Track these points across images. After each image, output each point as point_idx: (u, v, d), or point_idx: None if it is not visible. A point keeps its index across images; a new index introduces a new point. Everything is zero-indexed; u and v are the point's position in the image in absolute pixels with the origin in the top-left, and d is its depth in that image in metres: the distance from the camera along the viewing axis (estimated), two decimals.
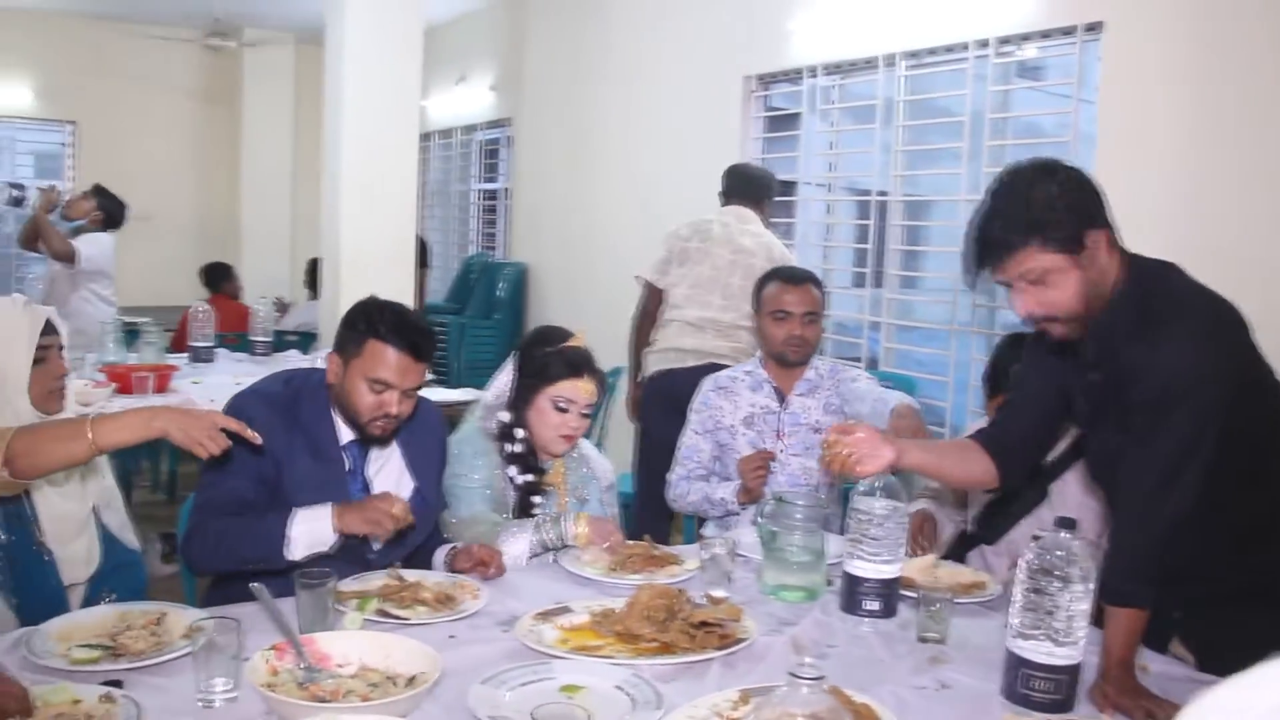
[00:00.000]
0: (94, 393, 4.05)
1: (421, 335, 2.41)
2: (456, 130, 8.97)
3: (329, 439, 2.43)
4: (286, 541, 2.21)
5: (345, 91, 5.32)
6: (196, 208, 9.96)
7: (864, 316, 5.14)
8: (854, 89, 5.14)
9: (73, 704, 1.63)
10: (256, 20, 9.13)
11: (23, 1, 8.89)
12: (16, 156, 9.85)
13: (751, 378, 3.28)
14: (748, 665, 1.94)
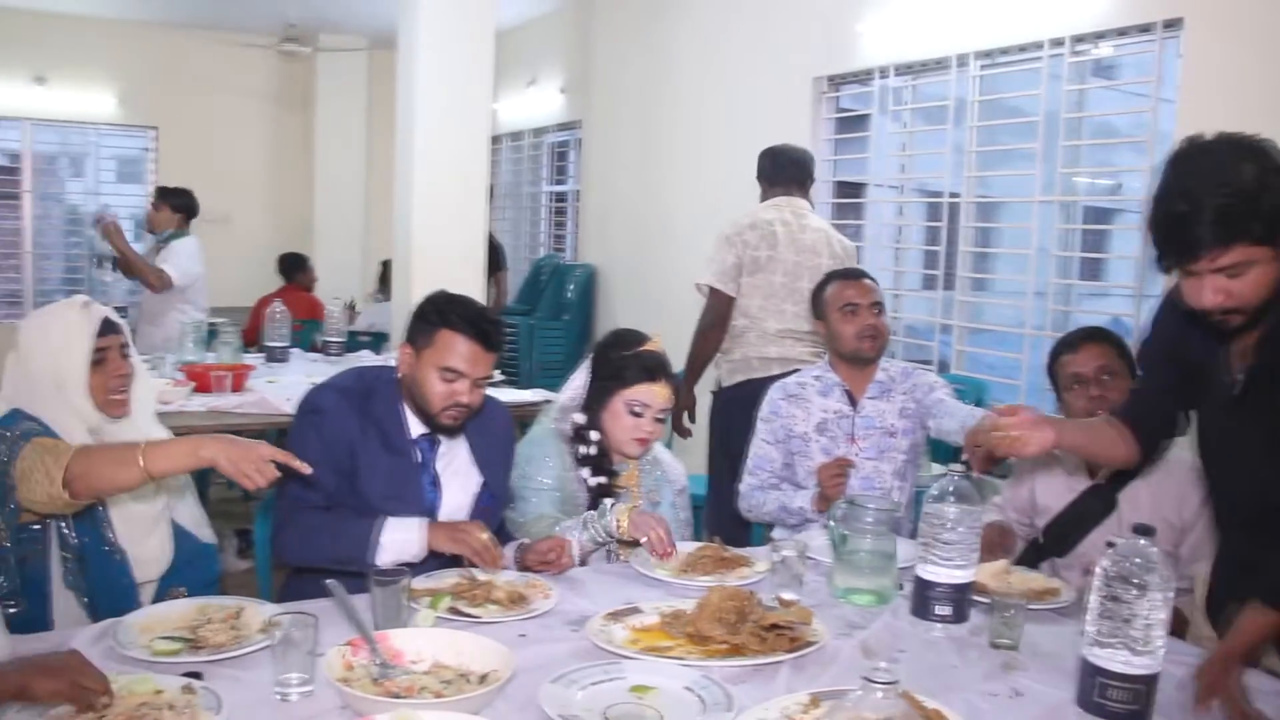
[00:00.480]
0: (173, 391, 4.14)
1: (491, 325, 2.45)
2: (526, 133, 9.03)
3: (400, 432, 2.48)
4: (376, 548, 2.27)
5: (417, 95, 5.37)
6: (271, 210, 10.12)
7: (935, 319, 5.09)
8: (925, 89, 5.10)
9: (155, 694, 1.67)
10: (330, 26, 9.27)
11: (106, 11, 9.12)
12: (100, 162, 10.09)
13: (821, 382, 3.25)
14: (818, 668, 1.93)
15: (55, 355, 2.29)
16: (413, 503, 2.45)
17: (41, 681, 1.54)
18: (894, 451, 3.20)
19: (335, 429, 2.41)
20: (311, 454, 2.36)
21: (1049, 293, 4.46)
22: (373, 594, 2.01)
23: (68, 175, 10.25)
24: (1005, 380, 4.72)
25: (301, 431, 2.45)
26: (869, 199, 5.51)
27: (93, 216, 5.16)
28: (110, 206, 10.13)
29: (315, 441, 2.39)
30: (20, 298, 9.76)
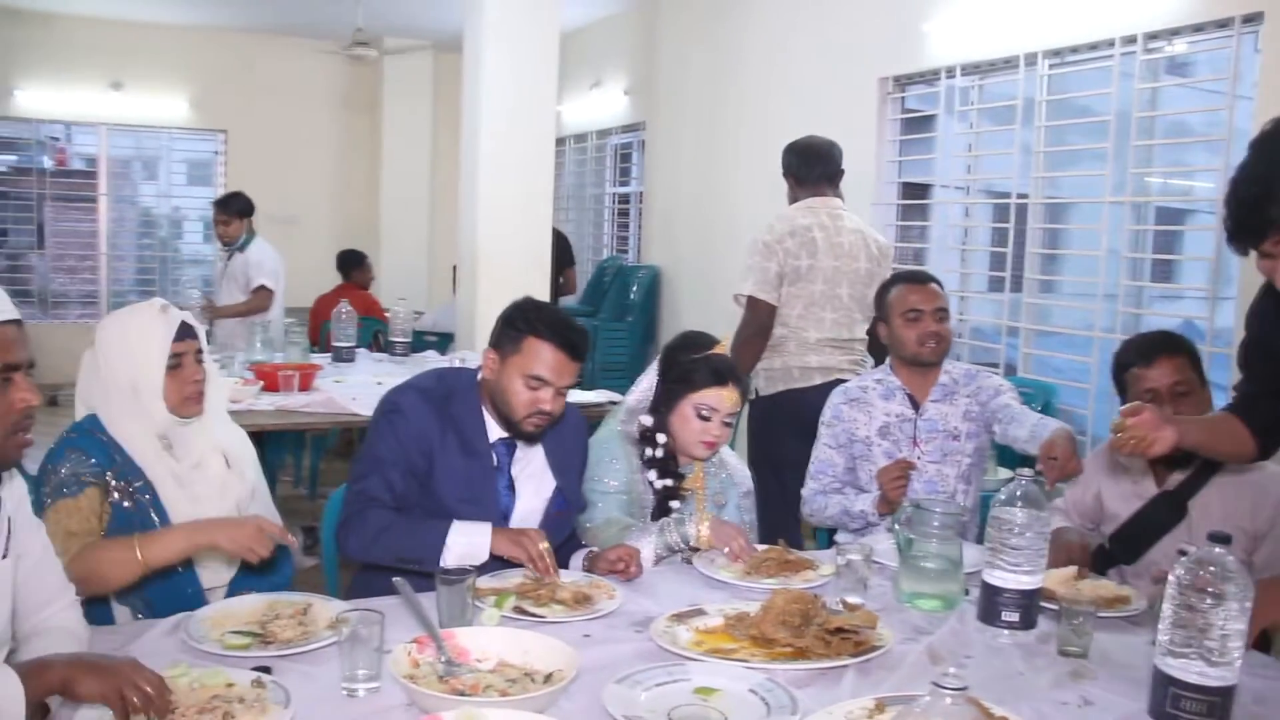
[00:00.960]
0: (242, 390, 4.21)
1: (578, 335, 2.45)
2: (591, 134, 9.07)
3: (479, 435, 2.49)
4: (444, 550, 2.28)
5: (483, 98, 5.42)
6: (338, 213, 10.27)
7: (1002, 321, 5.02)
8: (992, 89, 5.04)
9: (227, 687, 1.70)
10: (397, 30, 9.37)
11: (180, 18, 9.31)
12: (172, 165, 10.31)
13: (883, 386, 3.21)
14: (883, 673, 1.92)
15: (132, 359, 2.29)
16: (488, 506, 2.46)
17: (86, 680, 1.56)
18: (958, 455, 3.16)
19: (414, 429, 2.43)
20: (387, 452, 2.41)
21: (1119, 295, 4.39)
22: (439, 592, 2.03)
23: (141, 178, 10.48)
24: (1073, 384, 4.65)
25: (379, 429, 2.47)
26: (934, 200, 5.46)
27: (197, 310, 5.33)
28: (180, 209, 10.41)
29: (392, 440, 2.42)
30: (96, 298, 10.00)
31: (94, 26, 9.26)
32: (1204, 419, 2.40)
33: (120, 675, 1.58)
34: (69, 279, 10.20)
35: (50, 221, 10.01)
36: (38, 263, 9.98)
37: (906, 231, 5.63)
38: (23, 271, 9.94)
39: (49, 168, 9.96)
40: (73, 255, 10.20)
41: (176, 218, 10.57)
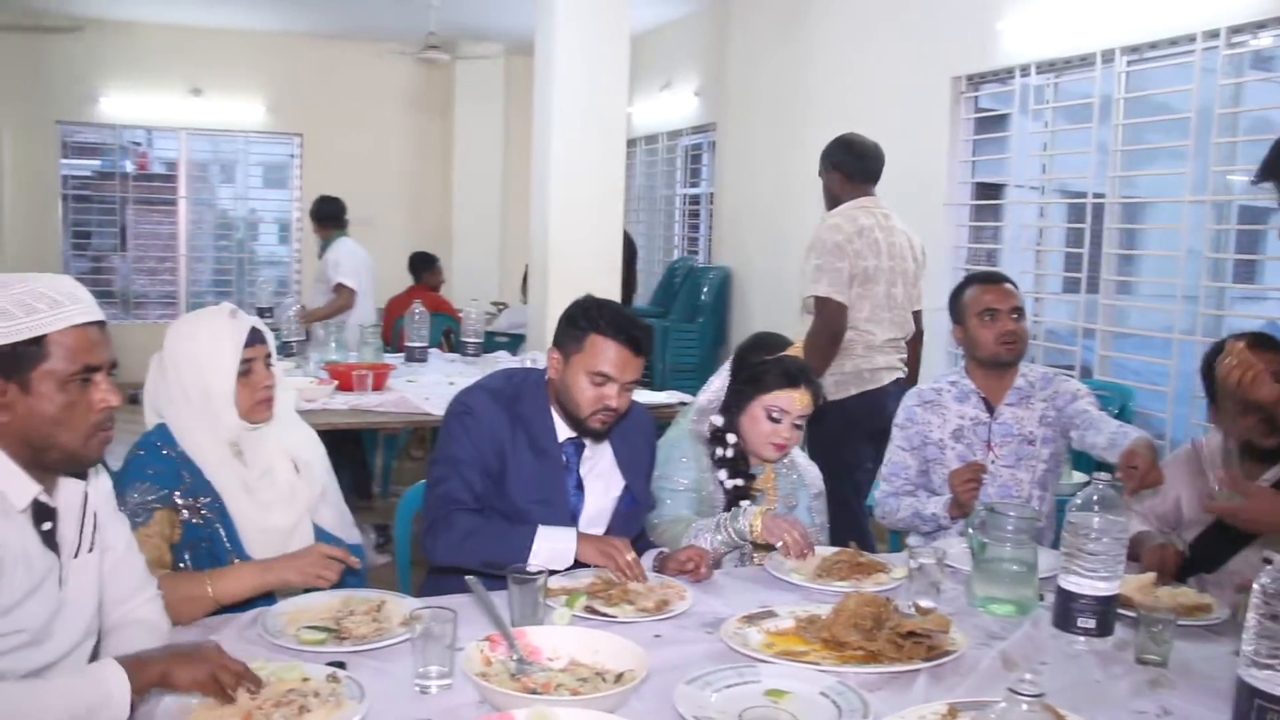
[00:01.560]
0: (317, 390, 4.27)
1: (641, 330, 2.45)
2: (661, 136, 9.08)
3: (548, 435, 2.51)
4: (530, 555, 2.29)
5: (554, 100, 5.45)
6: (411, 215, 10.38)
7: (1077, 323, 4.94)
8: (1068, 87, 4.96)
9: (302, 681, 1.73)
10: (469, 33, 9.46)
11: (258, 24, 9.49)
12: (249, 168, 10.51)
13: (957, 388, 3.17)
14: (955, 678, 1.90)
15: (202, 365, 2.28)
16: (558, 506, 2.47)
17: (182, 671, 1.61)
18: (1033, 460, 3.11)
19: (485, 430, 2.45)
20: (462, 453, 2.43)
21: (1200, 296, 4.29)
22: (510, 591, 2.04)
23: (218, 181, 10.69)
24: (1151, 387, 4.56)
25: (451, 430, 2.49)
26: (1008, 200, 5.39)
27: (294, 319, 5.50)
28: (256, 211, 10.61)
29: (465, 441, 2.44)
30: (175, 299, 10.23)
31: (174, 34, 9.48)
32: None
33: (211, 661, 1.64)
34: (149, 280, 10.46)
35: (132, 224, 10.27)
36: (119, 264, 10.23)
37: (979, 233, 5.56)
38: (105, 273, 10.20)
39: (131, 172, 10.20)
40: (153, 257, 10.45)
41: (253, 220, 10.78)
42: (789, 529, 2.51)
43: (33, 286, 1.68)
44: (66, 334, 1.67)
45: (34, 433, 1.68)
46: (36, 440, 1.68)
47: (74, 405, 1.68)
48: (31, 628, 1.68)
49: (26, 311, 1.65)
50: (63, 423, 1.68)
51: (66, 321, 1.67)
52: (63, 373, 1.66)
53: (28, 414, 1.66)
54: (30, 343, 1.64)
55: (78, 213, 9.98)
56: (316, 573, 2.10)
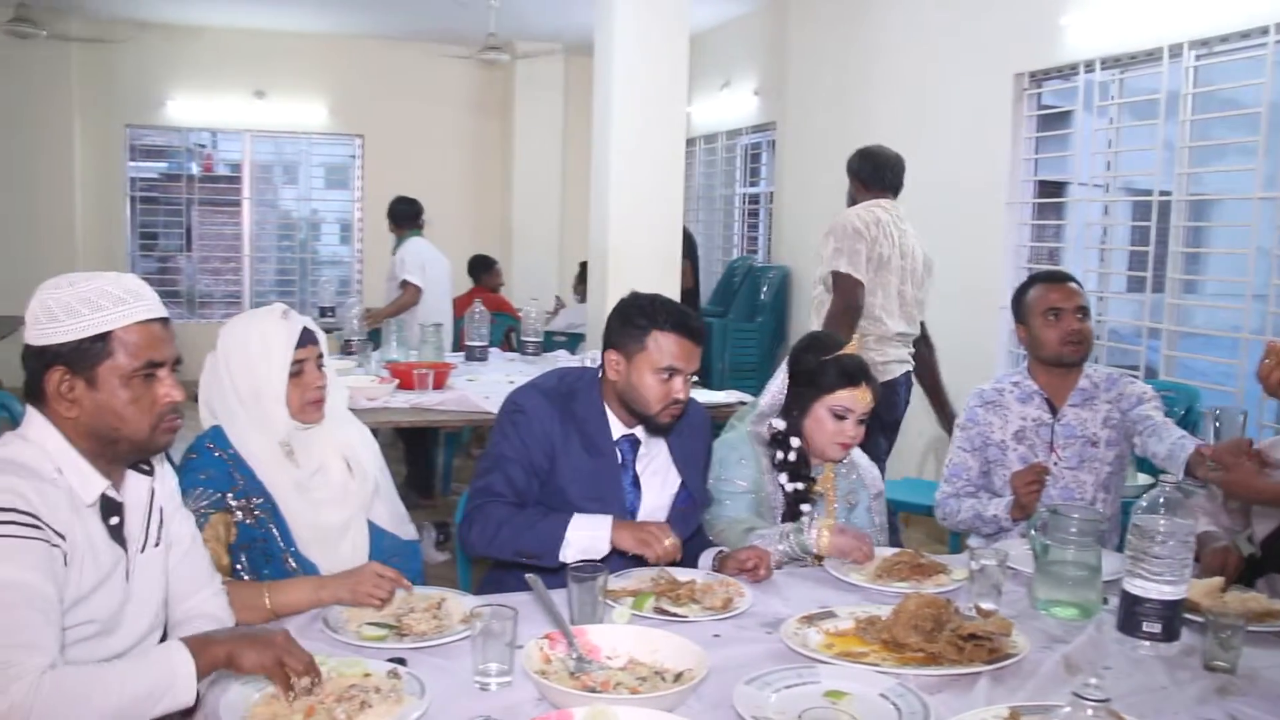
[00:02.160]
0: (378, 388, 4.32)
1: (695, 319, 2.51)
2: (720, 135, 9.06)
3: (602, 433, 2.53)
4: (563, 544, 2.31)
5: (613, 99, 5.45)
6: (470, 214, 10.44)
7: (1142, 323, 4.86)
8: (1133, 83, 4.88)
9: (364, 676, 1.76)
10: (528, 34, 9.50)
11: (318, 27, 9.61)
12: (311, 169, 10.64)
13: (1019, 389, 3.14)
14: (1017, 681, 1.88)
15: (253, 365, 2.30)
16: (613, 504, 2.49)
17: (248, 653, 1.65)
18: (1096, 462, 3.07)
19: (536, 429, 2.47)
20: (510, 450, 2.46)
21: (1269, 295, 4.20)
22: (570, 590, 2.05)
23: (281, 182, 10.84)
24: (1218, 388, 4.48)
25: (502, 429, 2.52)
26: (1071, 199, 5.31)
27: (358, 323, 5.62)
28: (318, 212, 10.75)
29: (515, 439, 2.47)
30: (239, 298, 10.39)
31: (239, 38, 9.63)
32: None
33: (277, 646, 1.67)
34: (214, 280, 10.63)
35: (196, 225, 10.44)
36: (185, 264, 10.41)
37: (1041, 231, 5.49)
38: (171, 273, 10.38)
39: (196, 174, 10.37)
40: (217, 257, 10.62)
41: (315, 220, 10.91)
42: (856, 546, 2.50)
43: (98, 285, 1.72)
44: (131, 330, 1.71)
45: (101, 426, 1.72)
46: (104, 433, 1.73)
47: (138, 400, 1.73)
48: (100, 619, 1.72)
49: (92, 309, 1.69)
50: (128, 417, 1.73)
51: (130, 318, 1.72)
52: (127, 368, 1.71)
53: (95, 408, 1.71)
54: (96, 339, 1.69)
55: (145, 214, 10.16)
56: (368, 592, 2.11)
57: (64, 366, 1.70)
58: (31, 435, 1.72)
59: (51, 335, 1.69)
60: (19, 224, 9.11)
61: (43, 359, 1.70)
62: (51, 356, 1.70)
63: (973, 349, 5.42)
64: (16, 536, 1.57)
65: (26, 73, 8.99)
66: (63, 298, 1.70)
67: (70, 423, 1.72)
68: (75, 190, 9.42)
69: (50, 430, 1.72)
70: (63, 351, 1.69)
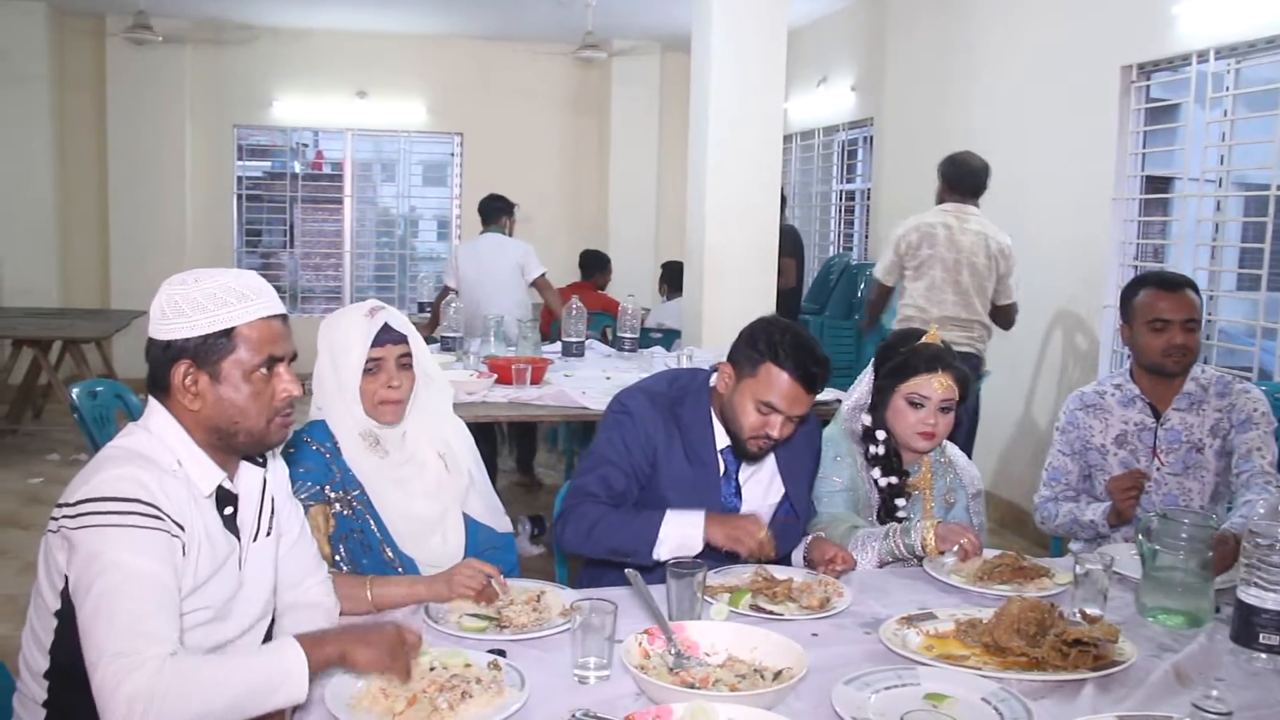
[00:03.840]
0: (477, 383, 4.37)
1: (819, 365, 2.41)
2: (817, 131, 8.98)
3: (706, 442, 2.51)
4: (657, 543, 2.31)
5: (710, 96, 5.44)
6: (567, 211, 10.52)
7: (1256, 322, 4.70)
8: (1249, 73, 4.71)
9: (465, 667, 1.78)
10: (625, 31, 9.54)
11: (420, 28, 9.76)
12: (410, 167, 10.81)
13: (1121, 392, 3.05)
14: (1124, 690, 1.84)
15: (336, 358, 2.34)
16: None
17: (361, 652, 1.67)
18: (1203, 470, 2.97)
19: (640, 433, 2.47)
20: (611, 452, 2.46)
21: None
22: (668, 585, 2.05)
23: (380, 180, 11.03)
24: None
25: (607, 429, 2.53)
26: (1180, 194, 5.16)
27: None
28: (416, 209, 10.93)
29: (618, 441, 2.47)
30: (340, 293, 10.60)
31: (341, 39, 9.83)
32: None
33: (389, 639, 1.70)
34: (315, 275, 10.87)
35: (299, 222, 10.68)
36: (288, 260, 10.65)
37: (1148, 228, 5.34)
38: (274, 269, 10.63)
39: (299, 172, 10.61)
40: (318, 253, 10.86)
41: (413, 217, 11.08)
42: (963, 532, 2.47)
43: (223, 281, 1.77)
44: (254, 326, 1.76)
45: (222, 419, 1.77)
46: (224, 426, 1.77)
47: (259, 394, 1.77)
48: (215, 606, 1.77)
49: (218, 304, 1.74)
50: (248, 411, 1.77)
51: (254, 314, 1.76)
52: (249, 363, 1.75)
53: (217, 402, 1.75)
54: (221, 334, 1.74)
55: (250, 211, 10.42)
56: (463, 582, 2.12)
57: (189, 360, 1.74)
58: (153, 427, 1.77)
59: (178, 330, 1.73)
60: (133, 223, 9.43)
61: (169, 353, 1.75)
62: (177, 351, 1.74)
63: (1075, 349, 5.30)
64: (139, 527, 1.62)
65: (143, 76, 9.29)
66: (189, 294, 1.74)
67: (192, 415, 1.77)
68: (186, 189, 9.70)
69: (171, 422, 1.77)
70: (188, 346, 1.73)
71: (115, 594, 1.56)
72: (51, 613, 1.71)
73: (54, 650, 1.73)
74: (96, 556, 1.59)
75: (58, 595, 1.69)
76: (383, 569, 2.28)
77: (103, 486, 1.64)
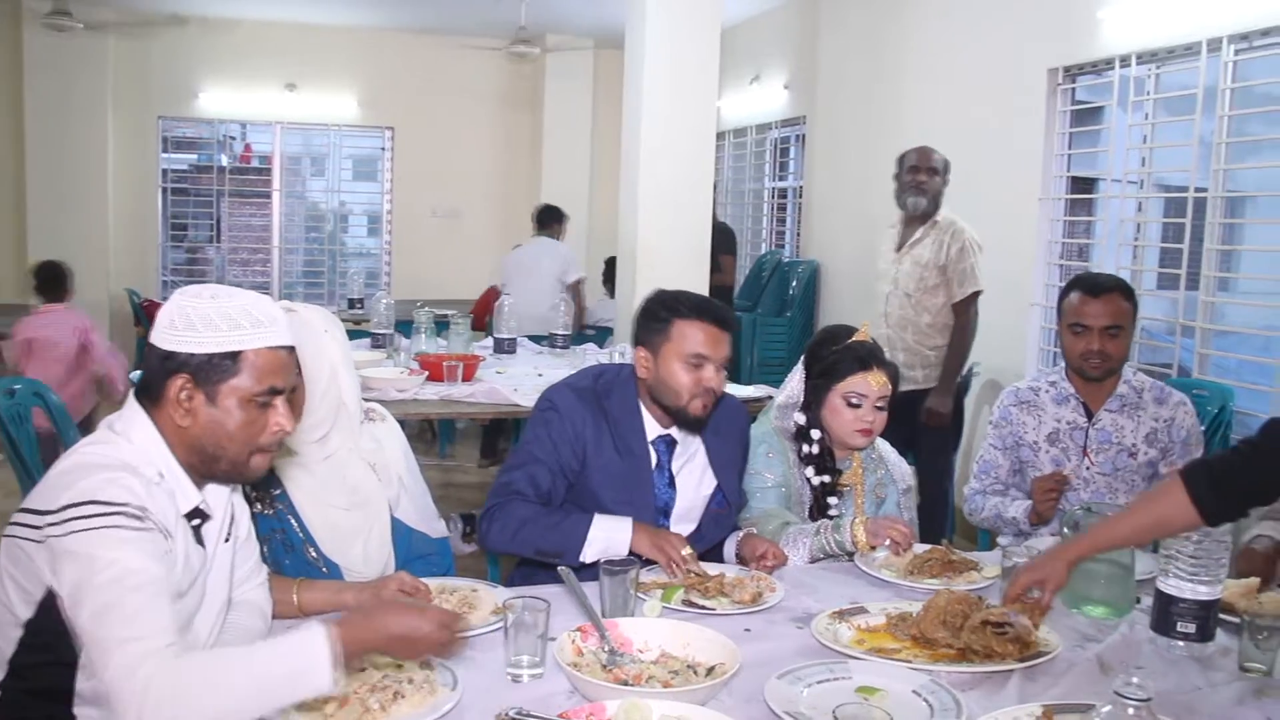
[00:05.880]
0: (408, 380, 4.33)
1: (720, 307, 2.50)
2: (750, 129, 9.03)
3: (636, 433, 2.52)
4: (584, 544, 2.31)
5: (644, 93, 5.44)
6: (499, 207, 10.47)
7: (1175, 320, 4.82)
8: (1169, 78, 4.82)
9: (396, 668, 1.76)
10: (558, 27, 9.51)
11: (349, 19, 9.65)
12: (340, 161, 10.69)
13: (1056, 389, 3.10)
14: (1049, 679, 1.88)
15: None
16: (643, 506, 2.48)
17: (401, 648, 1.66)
18: (1132, 473, 3.02)
19: (568, 429, 2.47)
20: (538, 450, 2.45)
21: None
22: (601, 583, 2.05)
23: (310, 174, 10.89)
24: (1254, 387, 4.43)
25: (534, 426, 2.52)
26: (1104, 195, 5.27)
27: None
28: (346, 204, 10.80)
29: (545, 439, 2.47)
30: (268, 290, 10.43)
31: (271, 30, 9.67)
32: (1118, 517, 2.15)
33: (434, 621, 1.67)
34: (243, 271, 10.68)
35: (226, 216, 10.50)
36: (214, 255, 10.46)
37: (1073, 227, 5.44)
38: (200, 263, 10.46)
39: (227, 165, 10.44)
40: (246, 248, 10.68)
41: (343, 212, 10.96)
42: (893, 524, 2.50)
43: (240, 303, 1.72)
44: (261, 354, 1.71)
45: (208, 442, 1.72)
46: (208, 449, 1.73)
47: (250, 424, 1.73)
48: (182, 620, 1.71)
49: (231, 326, 1.69)
50: (236, 438, 1.73)
51: (264, 342, 1.72)
52: (249, 390, 1.71)
53: (208, 423, 1.71)
54: (227, 356, 1.69)
55: (176, 205, 10.23)
56: (391, 595, 2.05)
57: (189, 375, 1.69)
58: (136, 438, 1.72)
59: (185, 343, 1.68)
60: (53, 216, 9.17)
61: (169, 364, 1.70)
62: (179, 364, 1.69)
63: (1004, 346, 5.39)
64: (131, 529, 1.58)
65: (63, 65, 9.06)
66: (203, 309, 1.69)
67: (179, 432, 1.72)
68: (109, 181, 9.48)
69: (154, 435, 1.72)
70: (191, 361, 1.69)
71: (120, 588, 1.52)
72: (19, 622, 1.66)
73: (14, 659, 1.68)
74: (93, 558, 1.54)
75: (32, 605, 1.64)
76: (307, 570, 2.23)
77: (90, 491, 1.59)
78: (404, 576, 2.11)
